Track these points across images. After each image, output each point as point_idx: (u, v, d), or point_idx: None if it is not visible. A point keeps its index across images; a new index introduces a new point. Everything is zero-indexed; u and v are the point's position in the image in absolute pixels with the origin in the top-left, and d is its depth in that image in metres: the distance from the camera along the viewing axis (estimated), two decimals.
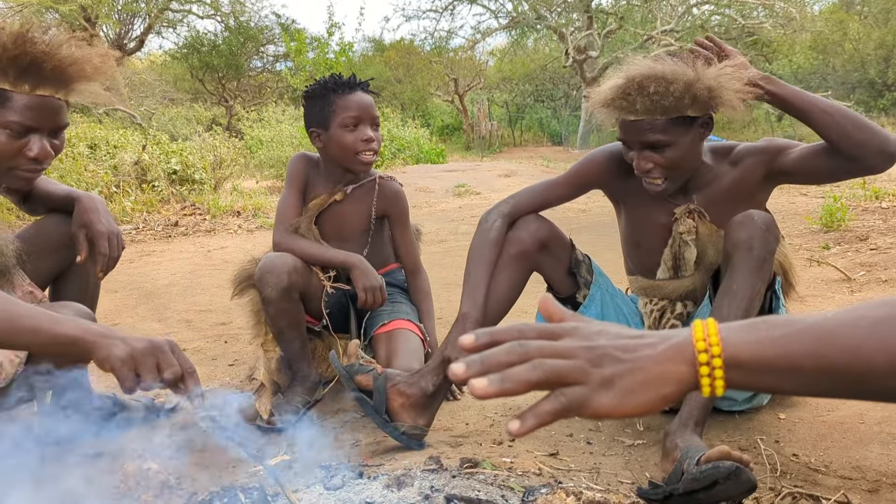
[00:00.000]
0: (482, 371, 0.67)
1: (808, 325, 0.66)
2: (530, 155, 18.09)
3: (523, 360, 0.68)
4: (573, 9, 20.28)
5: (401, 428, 1.71)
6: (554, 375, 0.67)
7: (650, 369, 0.67)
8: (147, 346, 1.13)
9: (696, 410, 1.59)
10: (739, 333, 0.67)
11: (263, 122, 13.33)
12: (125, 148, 8.01)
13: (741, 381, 0.67)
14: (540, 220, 1.93)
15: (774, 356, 0.66)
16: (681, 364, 0.67)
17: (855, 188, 6.31)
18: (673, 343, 0.68)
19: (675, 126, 1.70)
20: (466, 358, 0.69)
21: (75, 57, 1.59)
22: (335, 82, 2.15)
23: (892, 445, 1.72)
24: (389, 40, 27.36)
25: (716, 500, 1.38)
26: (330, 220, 2.22)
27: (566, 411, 0.67)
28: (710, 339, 0.67)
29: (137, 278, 4.38)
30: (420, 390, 1.74)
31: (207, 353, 2.77)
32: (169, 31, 23.00)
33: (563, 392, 0.67)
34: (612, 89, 1.71)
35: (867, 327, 0.64)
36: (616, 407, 0.66)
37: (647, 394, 0.67)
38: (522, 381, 0.67)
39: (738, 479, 1.34)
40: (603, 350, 0.68)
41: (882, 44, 18.42)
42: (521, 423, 0.67)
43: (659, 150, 1.72)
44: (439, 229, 6.13)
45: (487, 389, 0.66)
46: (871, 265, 3.62)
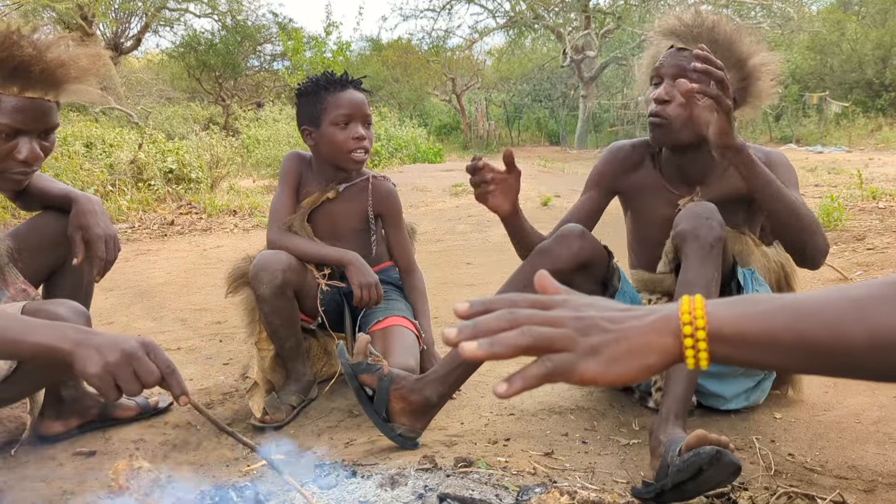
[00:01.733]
0: (473, 335, 0.69)
1: (790, 302, 0.68)
2: (528, 155, 18.09)
3: (513, 326, 0.70)
4: (571, 8, 20.29)
5: (397, 430, 1.70)
6: (542, 342, 0.69)
7: (635, 339, 0.69)
8: (120, 356, 1.09)
9: (674, 404, 1.58)
10: (725, 308, 0.69)
11: (260, 122, 13.31)
12: (121, 146, 7.99)
13: (724, 355, 0.68)
14: (584, 237, 1.83)
15: (756, 330, 0.67)
16: (666, 336, 0.69)
17: (852, 188, 6.32)
18: (659, 315, 0.70)
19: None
20: (459, 323, 0.71)
21: (64, 58, 1.58)
22: (327, 80, 2.14)
23: (888, 445, 1.71)
24: (387, 39, 27.44)
25: (705, 489, 1.37)
26: (323, 219, 2.21)
27: (552, 376, 0.69)
28: (695, 313, 0.69)
29: (132, 277, 4.37)
30: (423, 399, 1.72)
31: (202, 351, 2.75)
32: (166, 29, 22.96)
33: (550, 358, 0.69)
34: (680, 17, 1.85)
35: (847, 304, 0.66)
36: (600, 374, 0.68)
37: (631, 363, 0.69)
38: (511, 345, 0.68)
39: (721, 463, 1.33)
40: (591, 320, 0.70)
41: (880, 44, 18.43)
42: (508, 385, 0.68)
43: None
44: (436, 228, 6.12)
45: (476, 352, 0.68)
46: (868, 265, 3.63)
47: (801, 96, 18.23)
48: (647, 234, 2.02)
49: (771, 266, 1.96)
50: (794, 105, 18.57)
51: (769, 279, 1.95)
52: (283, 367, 2.15)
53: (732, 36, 1.81)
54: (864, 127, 16.77)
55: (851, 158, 11.97)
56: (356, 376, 1.69)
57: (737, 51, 1.81)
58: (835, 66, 19.29)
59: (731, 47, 1.80)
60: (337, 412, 2.08)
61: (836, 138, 16.28)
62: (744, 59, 1.81)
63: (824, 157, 12.94)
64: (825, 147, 15.25)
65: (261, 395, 2.06)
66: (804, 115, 18.15)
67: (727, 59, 1.78)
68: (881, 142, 14.93)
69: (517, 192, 1.80)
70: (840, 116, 17.02)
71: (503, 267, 4.28)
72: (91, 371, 1.08)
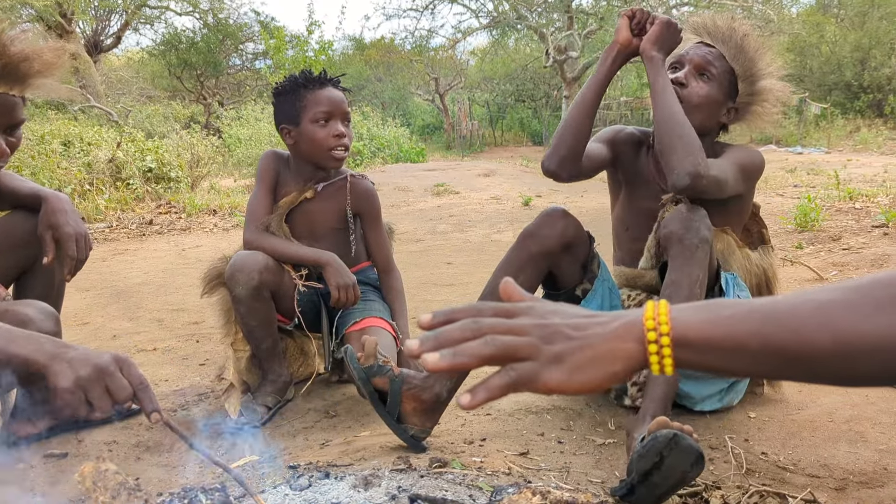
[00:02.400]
0: (436, 346, 0.69)
1: (756, 307, 0.68)
2: (511, 154, 18.12)
3: (477, 336, 0.69)
4: (554, 9, 20.34)
5: (409, 431, 1.69)
6: (505, 351, 0.68)
7: (599, 346, 0.68)
8: (92, 371, 1.07)
9: (652, 404, 1.59)
10: (689, 313, 0.68)
11: (242, 121, 13.24)
12: (100, 145, 7.91)
13: (690, 361, 0.68)
14: (567, 217, 1.85)
15: (722, 335, 0.66)
16: (630, 342, 0.68)
17: (830, 189, 6.39)
18: (623, 322, 0.69)
19: (725, 76, 1.89)
20: (422, 334, 0.70)
21: (27, 52, 1.56)
22: (306, 78, 2.13)
23: (859, 444, 1.73)
24: (370, 39, 27.33)
25: (671, 479, 1.37)
26: (300, 218, 2.19)
27: (516, 385, 0.68)
28: (659, 318, 0.68)
29: (109, 277, 4.32)
30: (434, 396, 1.70)
31: (178, 352, 2.73)
32: (146, 27, 22.80)
33: (514, 367, 0.68)
34: (715, 18, 1.95)
35: (812, 309, 0.65)
36: (564, 382, 0.67)
37: (595, 370, 0.68)
38: (474, 355, 0.68)
39: (680, 446, 1.34)
40: (555, 328, 0.69)
41: (858, 46, 18.64)
42: (472, 396, 0.68)
43: (704, 79, 1.88)
44: (416, 228, 6.12)
45: (439, 363, 0.67)
46: (844, 265, 3.66)
47: None
48: (630, 226, 2.04)
49: (752, 269, 1.98)
50: None
51: (749, 282, 1.96)
52: (259, 367, 2.13)
53: (758, 51, 1.90)
54: (842, 128, 16.95)
55: (830, 159, 12.10)
56: (369, 380, 1.67)
57: (756, 66, 1.90)
58: (814, 68, 19.49)
59: (753, 60, 1.90)
60: (313, 413, 2.06)
61: (816, 139, 16.44)
62: (759, 76, 1.91)
63: (804, 157, 13.07)
64: (805, 148, 15.39)
65: (237, 396, 2.05)
66: (784, 117, 18.33)
67: (745, 69, 1.90)
68: (859, 143, 15.10)
69: None
70: (819, 118, 17.18)
71: (483, 267, 4.29)
72: (62, 385, 1.06)
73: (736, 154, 1.88)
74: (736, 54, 1.89)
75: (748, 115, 1.98)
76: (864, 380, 0.66)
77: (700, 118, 1.86)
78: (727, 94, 1.90)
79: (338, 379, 2.30)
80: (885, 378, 0.65)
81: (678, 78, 1.86)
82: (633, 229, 2.04)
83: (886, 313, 0.63)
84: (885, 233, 4.27)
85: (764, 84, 1.93)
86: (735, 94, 1.92)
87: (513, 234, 5.45)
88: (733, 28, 1.90)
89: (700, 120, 1.86)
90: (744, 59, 1.89)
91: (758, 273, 1.98)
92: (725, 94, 1.90)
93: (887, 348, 0.63)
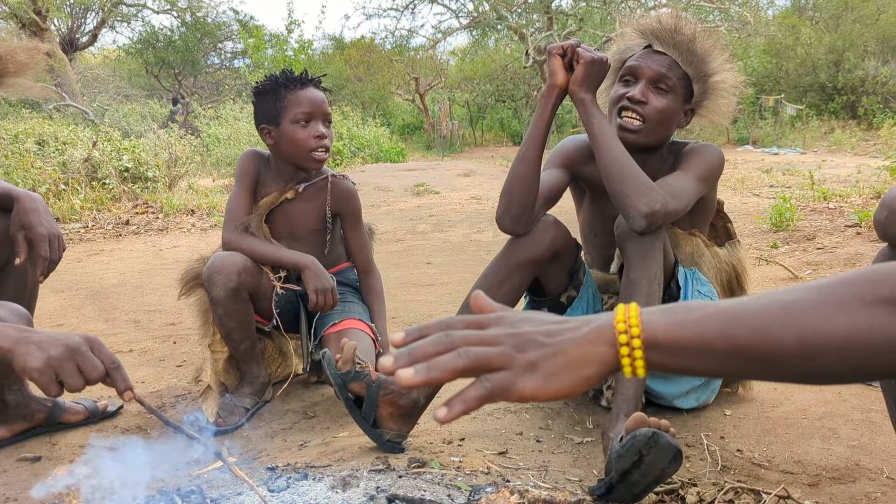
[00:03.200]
0: (410, 362, 0.69)
1: (723, 308, 0.68)
2: (491, 154, 18.14)
3: (449, 349, 0.69)
4: (533, 9, 20.39)
5: (385, 436, 1.68)
6: (479, 362, 0.68)
7: (572, 351, 0.69)
8: (63, 350, 1.07)
9: (624, 403, 1.60)
10: (659, 316, 0.69)
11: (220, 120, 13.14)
12: (75, 144, 7.82)
13: (660, 362, 0.69)
14: (557, 226, 1.83)
15: (691, 337, 0.67)
16: (601, 345, 0.69)
17: (805, 189, 6.47)
18: (594, 326, 0.70)
19: (682, 83, 1.84)
20: (395, 351, 0.70)
21: (0, 52, 1.53)
22: (286, 78, 2.12)
23: (832, 440, 1.75)
24: (350, 38, 27.24)
25: (650, 476, 1.39)
26: (281, 219, 2.18)
27: (491, 396, 0.68)
28: (630, 321, 0.68)
29: (85, 278, 4.27)
30: (412, 402, 1.70)
31: (155, 353, 2.71)
32: (123, 25, 22.55)
33: (489, 378, 0.68)
34: (661, 20, 1.87)
35: (777, 309, 0.66)
36: (539, 389, 0.68)
37: (569, 376, 0.68)
38: (448, 368, 0.68)
39: (659, 444, 1.35)
40: (527, 336, 0.70)
41: (832, 49, 18.88)
42: (448, 409, 0.68)
43: (660, 92, 1.82)
44: (397, 228, 6.11)
45: (414, 379, 0.67)
46: (818, 264, 3.71)
47: (758, 99, 18.59)
48: (598, 232, 2.04)
49: (722, 266, 2.00)
50: (750, 107, 18.92)
51: (720, 279, 1.98)
52: (237, 369, 2.12)
53: (708, 50, 1.87)
54: (817, 129, 17.16)
55: (805, 160, 12.25)
56: (345, 385, 1.66)
57: (708, 65, 1.87)
58: (790, 70, 19.69)
59: (704, 61, 1.86)
60: (291, 414, 2.06)
61: (791, 140, 16.63)
62: (711, 73, 1.88)
63: (779, 158, 13.21)
64: (780, 149, 15.57)
65: (214, 397, 2.03)
66: (760, 118, 18.50)
67: (699, 71, 1.86)
68: (834, 144, 15.29)
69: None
70: (795, 119, 17.38)
71: (463, 267, 4.29)
72: (32, 365, 1.05)
73: (692, 162, 1.83)
74: (688, 58, 1.84)
75: (704, 112, 1.94)
76: (830, 378, 0.67)
77: (662, 133, 1.85)
78: (684, 99, 1.87)
79: (316, 380, 2.29)
80: (849, 376, 0.66)
81: (635, 95, 1.81)
82: (601, 235, 2.03)
83: (848, 312, 0.64)
84: (857, 232, 4.33)
85: (716, 79, 1.89)
86: (691, 96, 1.88)
87: (493, 234, 5.46)
88: (682, 30, 1.85)
89: (662, 134, 1.86)
90: (696, 61, 1.85)
91: (727, 270, 2.00)
92: (682, 100, 1.86)
93: (850, 346, 0.64)
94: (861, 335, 0.64)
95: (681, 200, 1.71)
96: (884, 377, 0.75)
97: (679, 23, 1.86)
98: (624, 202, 1.65)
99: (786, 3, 23.67)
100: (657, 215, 1.63)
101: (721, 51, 1.90)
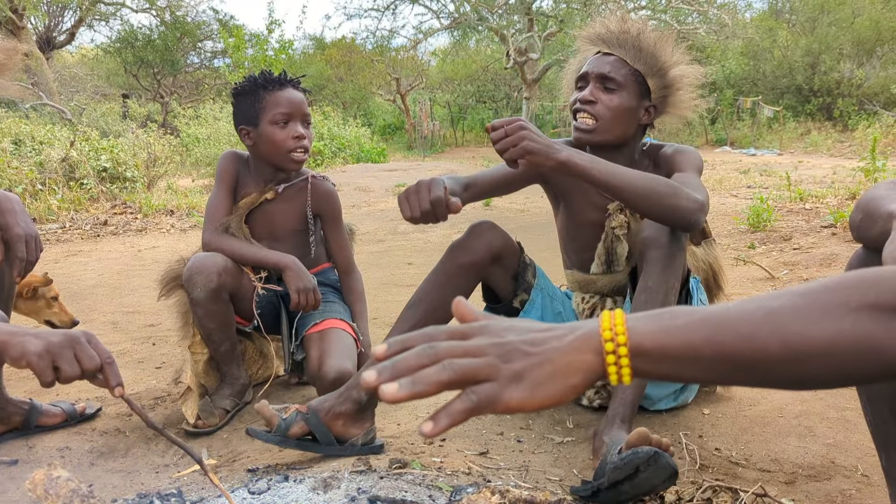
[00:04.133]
0: (393, 376, 0.67)
1: (709, 314, 0.68)
2: (472, 155, 18.18)
3: (434, 361, 0.67)
4: (514, 11, 20.46)
5: (357, 442, 1.68)
6: (464, 374, 0.67)
7: (558, 360, 0.67)
8: (63, 338, 1.10)
9: (622, 408, 1.61)
10: (645, 323, 0.69)
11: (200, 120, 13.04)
12: (52, 144, 7.73)
13: (646, 370, 0.68)
14: (494, 229, 1.88)
15: (677, 344, 0.67)
16: (587, 353, 0.68)
17: (781, 190, 6.55)
18: (580, 334, 0.69)
19: (632, 79, 1.85)
20: (377, 365, 0.68)
21: None
22: (265, 79, 2.11)
23: (808, 438, 1.78)
24: (331, 38, 27.16)
25: (640, 490, 1.40)
26: (261, 220, 2.17)
27: (478, 409, 0.66)
28: (616, 329, 0.68)
29: (62, 279, 4.23)
30: (354, 404, 1.68)
31: (134, 355, 2.68)
32: (101, 24, 22.32)
33: (474, 390, 0.66)
34: (607, 24, 1.89)
35: (763, 315, 0.66)
36: (526, 399, 0.66)
37: (555, 385, 0.67)
38: (433, 382, 0.66)
39: (658, 464, 1.36)
40: (512, 345, 0.68)
41: (809, 51, 19.13)
42: (434, 423, 0.66)
43: (608, 91, 1.84)
44: (377, 229, 6.10)
45: (398, 394, 0.65)
46: (794, 264, 3.76)
47: (736, 100, 18.80)
48: (576, 235, 2.05)
49: (699, 265, 2.02)
50: (728, 109, 19.12)
51: (699, 278, 2.00)
52: (217, 370, 2.11)
53: (657, 44, 1.86)
54: (794, 131, 17.38)
55: (782, 161, 12.40)
56: (286, 437, 1.63)
57: (660, 60, 1.86)
58: (767, 72, 19.93)
59: (654, 55, 1.86)
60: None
61: (769, 141, 16.83)
62: (666, 68, 1.87)
63: (757, 159, 13.37)
64: (758, 150, 15.76)
65: (194, 399, 2.02)
66: (738, 119, 18.71)
67: (650, 66, 1.85)
68: (810, 145, 15.50)
69: None
70: (772, 120, 17.60)
71: None
72: (32, 350, 1.07)
73: (682, 161, 1.84)
74: (636, 55, 1.85)
75: (668, 108, 1.93)
76: (815, 383, 0.67)
77: (619, 129, 1.86)
78: (639, 96, 1.86)
79: (297, 381, 2.28)
80: (835, 381, 0.67)
81: (585, 96, 1.83)
82: (578, 239, 2.04)
83: (832, 318, 0.64)
84: (833, 233, 4.39)
85: (674, 73, 1.89)
86: (647, 92, 1.87)
87: None
88: (627, 30, 1.86)
89: (620, 130, 1.86)
90: (645, 56, 1.85)
91: (705, 268, 2.02)
92: (637, 97, 1.86)
93: (834, 352, 0.64)
94: (846, 341, 0.64)
95: (703, 192, 1.68)
96: (869, 382, 0.76)
97: (625, 24, 1.88)
98: (676, 214, 1.60)
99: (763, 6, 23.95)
100: (705, 203, 1.63)
101: (674, 46, 1.89)
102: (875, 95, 17.67)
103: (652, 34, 1.86)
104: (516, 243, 1.98)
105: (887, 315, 0.64)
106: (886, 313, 0.64)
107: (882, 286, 0.65)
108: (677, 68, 1.88)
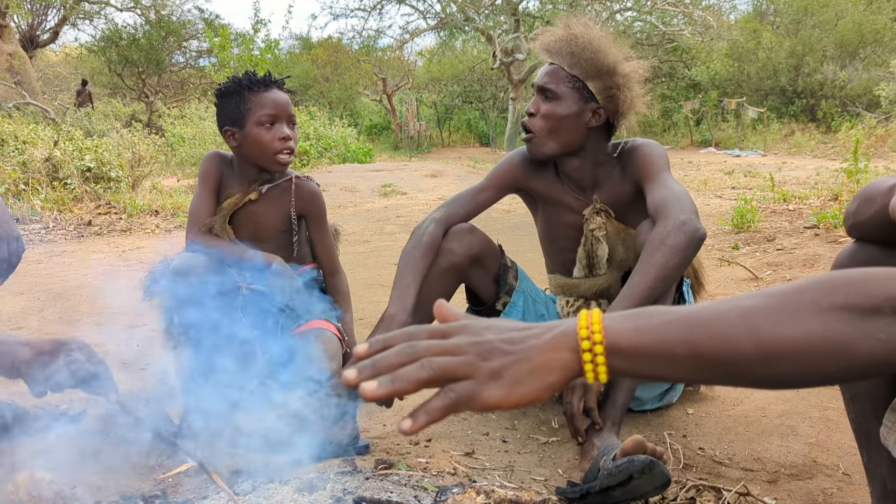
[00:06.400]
0: (373, 374, 0.68)
1: (684, 314, 0.69)
2: (458, 155, 18.19)
3: (413, 360, 0.69)
4: (500, 11, 20.49)
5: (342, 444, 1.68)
6: (443, 372, 0.68)
7: (535, 358, 0.69)
8: (54, 346, 1.09)
9: (612, 411, 1.62)
10: (621, 322, 0.69)
11: (185, 119, 12.96)
12: (36, 144, 7.66)
13: (623, 368, 0.69)
14: (473, 232, 1.90)
15: (652, 343, 0.68)
16: (564, 352, 0.69)
17: (765, 191, 6.59)
18: (557, 332, 0.70)
19: (571, 87, 1.82)
20: (358, 363, 0.70)
21: None
22: (250, 80, 2.10)
23: (790, 438, 1.80)
24: (317, 38, 27.09)
25: (630, 496, 1.41)
26: (245, 221, 2.17)
27: (456, 406, 0.68)
28: (592, 328, 0.69)
29: (45, 279, 4.19)
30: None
31: (118, 357, 2.67)
32: (85, 23, 22.14)
33: (453, 388, 0.68)
34: (553, 31, 1.87)
35: (737, 316, 0.67)
36: (504, 397, 0.68)
37: (533, 383, 0.68)
38: (412, 380, 0.67)
39: (652, 473, 1.37)
40: (490, 344, 0.70)
41: (793, 53, 19.28)
42: (412, 421, 0.67)
43: (547, 100, 1.83)
44: (364, 229, 6.09)
45: (378, 391, 0.67)
46: (777, 265, 3.79)
47: (720, 102, 18.91)
48: (556, 239, 2.05)
49: None
50: (713, 110, 19.24)
51: None
52: None
53: (595, 46, 1.81)
54: (778, 132, 17.51)
55: (766, 162, 12.50)
56: None
57: (599, 61, 1.81)
58: (751, 74, 20.06)
59: (593, 57, 1.81)
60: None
61: (753, 142, 16.94)
62: (608, 68, 1.82)
63: (741, 160, 13.46)
64: (742, 151, 15.87)
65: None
66: (723, 120, 18.82)
67: (588, 70, 1.81)
68: (794, 146, 15.62)
69: None
70: (756, 122, 17.71)
71: None
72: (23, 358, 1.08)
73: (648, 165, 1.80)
74: (572, 60, 1.81)
75: (620, 107, 1.86)
76: (788, 383, 0.68)
77: (562, 138, 1.85)
78: (580, 100, 1.82)
79: None
80: (808, 381, 0.68)
81: (528, 109, 1.86)
82: (557, 241, 2.05)
83: (803, 318, 0.66)
84: (815, 234, 4.43)
85: (619, 71, 1.83)
86: (590, 95, 1.82)
87: None
88: (567, 36, 1.83)
89: (563, 138, 1.85)
90: (581, 60, 1.81)
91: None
92: (578, 101, 1.82)
93: (805, 352, 0.65)
94: (817, 341, 0.65)
95: (682, 196, 1.66)
96: (842, 382, 0.77)
97: (565, 30, 1.86)
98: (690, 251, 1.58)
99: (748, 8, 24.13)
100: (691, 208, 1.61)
101: (616, 44, 1.86)
102: (858, 97, 17.84)
103: (590, 35, 1.82)
104: (497, 246, 1.99)
105: (857, 316, 0.65)
106: (856, 314, 0.65)
107: (852, 288, 0.66)
108: (620, 67, 1.83)
